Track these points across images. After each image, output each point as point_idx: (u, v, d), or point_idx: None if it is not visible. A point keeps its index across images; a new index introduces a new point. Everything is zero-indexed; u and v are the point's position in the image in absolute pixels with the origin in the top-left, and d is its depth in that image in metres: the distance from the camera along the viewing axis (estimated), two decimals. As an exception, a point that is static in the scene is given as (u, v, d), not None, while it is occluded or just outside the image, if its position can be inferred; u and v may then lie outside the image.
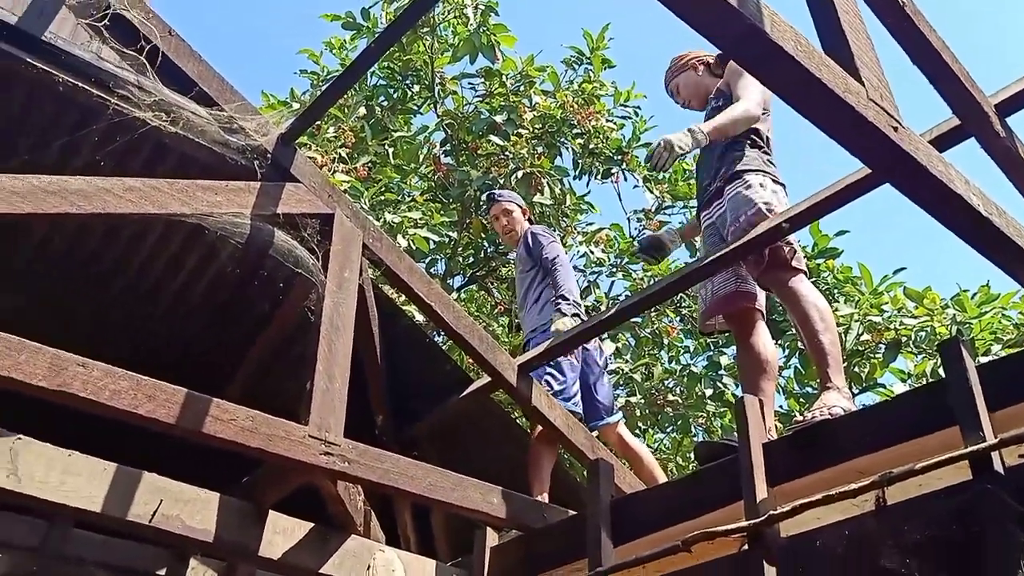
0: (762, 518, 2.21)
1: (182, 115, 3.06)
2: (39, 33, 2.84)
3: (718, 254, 3.00)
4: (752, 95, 3.20)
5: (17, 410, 2.73)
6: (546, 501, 3.68)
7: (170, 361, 4.12)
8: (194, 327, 4.10)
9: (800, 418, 2.52)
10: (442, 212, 7.18)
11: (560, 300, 4.17)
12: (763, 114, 3.25)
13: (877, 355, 6.71)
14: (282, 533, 2.94)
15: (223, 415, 2.55)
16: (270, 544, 2.90)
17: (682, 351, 8.72)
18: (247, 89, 3.33)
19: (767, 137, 3.29)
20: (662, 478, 4.00)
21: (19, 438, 2.50)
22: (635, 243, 7.06)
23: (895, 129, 1.70)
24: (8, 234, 3.58)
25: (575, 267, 8.69)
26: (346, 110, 7.30)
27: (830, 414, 2.47)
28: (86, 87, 2.94)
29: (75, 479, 2.57)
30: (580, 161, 8.10)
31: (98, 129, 3.06)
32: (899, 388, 6.49)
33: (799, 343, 7.03)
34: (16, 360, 2.22)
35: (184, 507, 2.75)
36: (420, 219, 6.48)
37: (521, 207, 4.86)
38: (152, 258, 3.78)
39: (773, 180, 3.12)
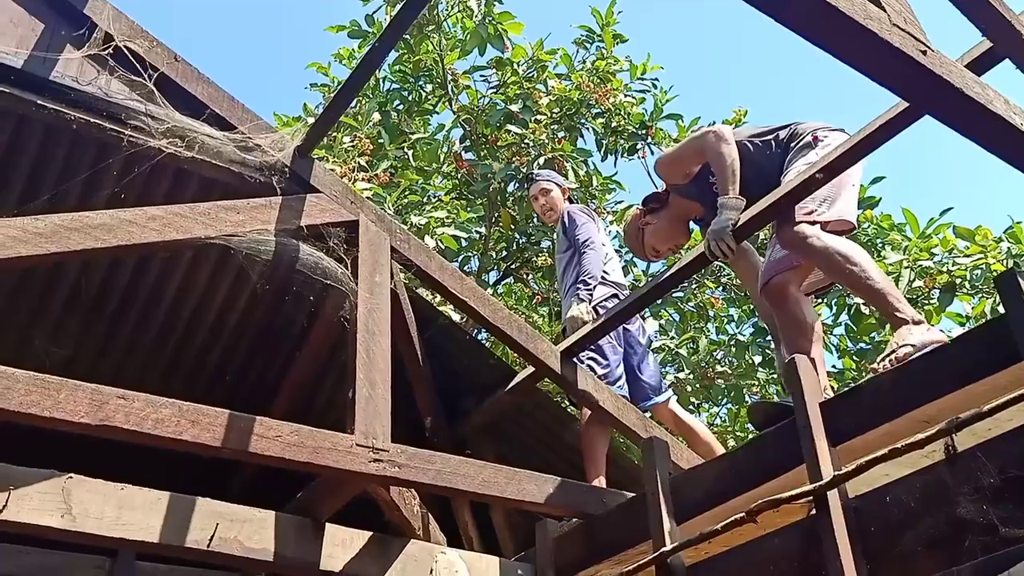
0: (827, 480, 2.14)
1: (197, 139, 3.05)
2: (47, 74, 2.84)
3: (746, 216, 2.90)
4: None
5: (62, 450, 2.76)
6: (603, 486, 3.62)
7: (217, 387, 4.15)
8: (235, 350, 4.11)
9: (876, 366, 2.42)
10: (468, 208, 7.13)
11: (579, 286, 4.08)
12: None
13: (932, 300, 6.49)
14: (341, 545, 2.93)
15: (268, 432, 2.53)
16: (330, 557, 2.89)
17: (727, 321, 8.59)
18: (260, 113, 3.30)
19: None
20: (720, 451, 3.90)
21: (70, 477, 2.51)
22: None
23: (923, 53, 1.61)
24: (41, 281, 3.62)
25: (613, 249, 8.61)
26: (360, 118, 7.29)
27: (900, 354, 2.36)
28: (99, 122, 2.94)
29: (131, 512, 2.58)
30: (603, 141, 7.99)
31: (116, 162, 3.07)
32: (958, 332, 6.28)
33: (846, 299, 6.87)
34: (56, 400, 2.23)
35: (241, 528, 2.75)
36: (446, 218, 6.44)
37: (561, 186, 4.78)
38: (185, 287, 3.79)
39: None
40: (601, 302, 4.18)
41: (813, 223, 2.76)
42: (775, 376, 7.80)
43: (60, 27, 2.94)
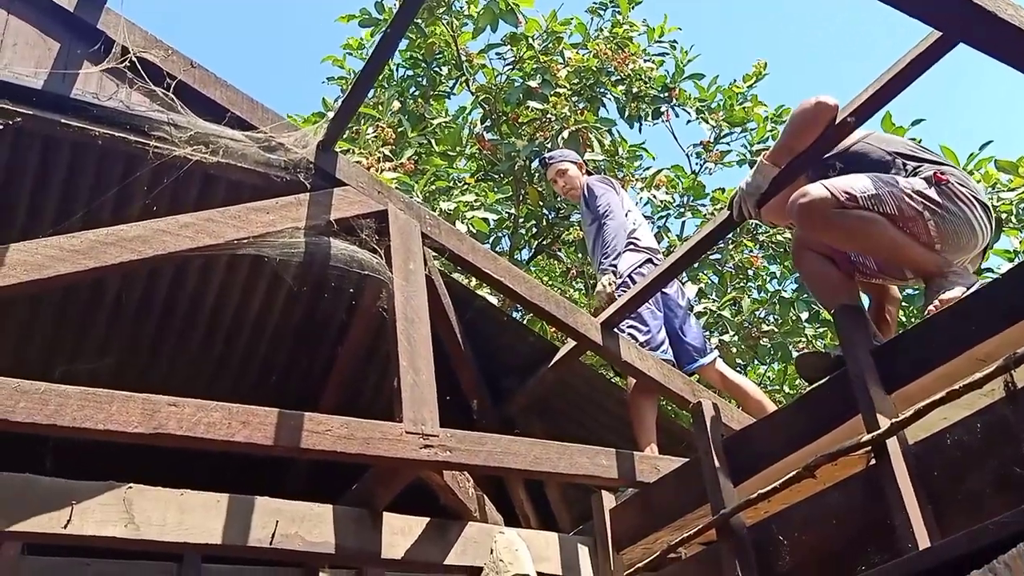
0: (884, 428, 2.09)
1: (220, 143, 3.07)
2: (67, 92, 2.87)
3: (775, 173, 2.81)
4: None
5: (119, 462, 2.81)
6: (656, 453, 3.61)
7: (263, 389, 4.20)
8: (279, 351, 4.15)
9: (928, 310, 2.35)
10: (495, 189, 7.10)
11: (603, 258, 4.12)
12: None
13: (978, 239, 6.32)
14: (400, 533, 2.95)
15: (318, 427, 2.55)
16: (391, 545, 2.91)
17: (768, 279, 8.47)
18: (280, 113, 3.30)
19: None
20: (771, 408, 3.86)
21: (130, 487, 2.55)
22: None
23: (952, -20, 1.54)
24: (84, 298, 3.68)
25: (643, 215, 8.54)
26: (380, 108, 7.27)
27: (939, 302, 2.30)
28: (123, 136, 2.97)
29: (191, 516, 2.62)
30: (626, 108, 7.90)
31: (144, 174, 3.10)
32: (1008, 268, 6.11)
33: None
34: (109, 412, 2.26)
35: (301, 524, 2.78)
36: (475, 201, 6.42)
37: (576, 162, 4.76)
38: (223, 292, 3.83)
39: None
40: (636, 269, 4.15)
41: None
42: (822, 331, 7.69)
43: (75, 45, 2.97)
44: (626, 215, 4.39)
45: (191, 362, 4.06)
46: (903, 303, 7.27)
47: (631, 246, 4.26)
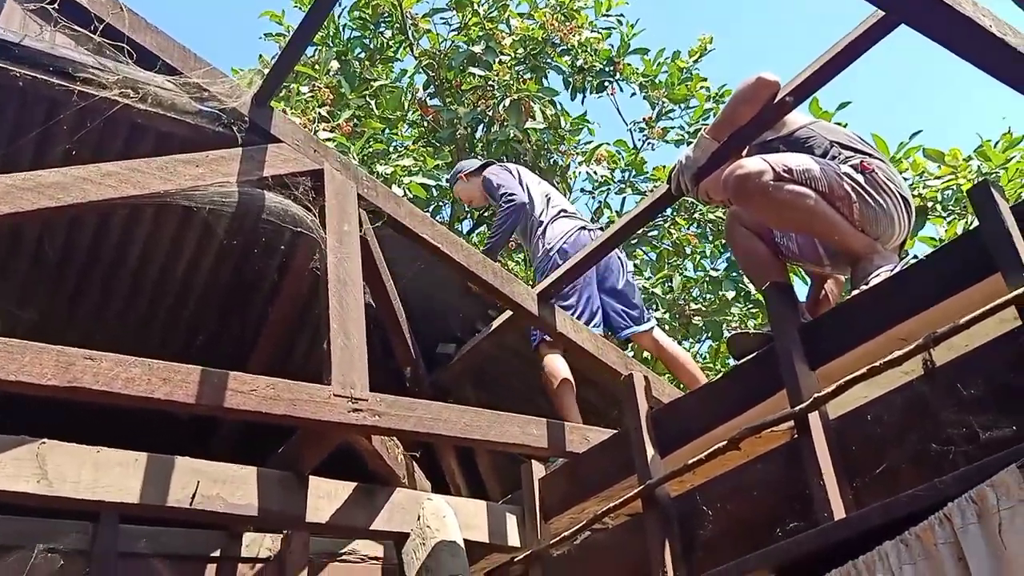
0: (807, 403, 2.14)
1: (149, 90, 2.94)
2: (-14, 29, 2.71)
3: (714, 147, 2.82)
4: None
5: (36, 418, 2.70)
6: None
7: (192, 348, 4.09)
8: (208, 308, 4.04)
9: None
10: (435, 156, 7.03)
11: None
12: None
13: (903, 225, 6.51)
14: (326, 496, 2.91)
15: (243, 387, 2.49)
16: (316, 509, 2.88)
17: (701, 257, 8.61)
18: (214, 66, 3.18)
19: None
20: (703, 380, 3.92)
21: (44, 442, 2.47)
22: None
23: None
24: (2, 245, 3.51)
25: (582, 189, 8.58)
26: (318, 67, 7.10)
27: (868, 282, 2.36)
28: (46, 78, 2.82)
29: (108, 474, 2.54)
30: (570, 80, 7.88)
31: (67, 118, 2.95)
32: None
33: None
34: (21, 363, 2.17)
35: (223, 486, 2.72)
36: (413, 166, 6.34)
37: (464, 172, 4.81)
38: (150, 246, 3.70)
39: None
40: (568, 234, 4.19)
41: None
42: (751, 310, 7.86)
43: (-3, -22, 2.80)
44: (535, 187, 4.50)
45: (115, 318, 3.93)
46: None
47: (563, 213, 4.31)
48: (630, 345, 4.07)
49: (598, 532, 2.94)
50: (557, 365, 3.90)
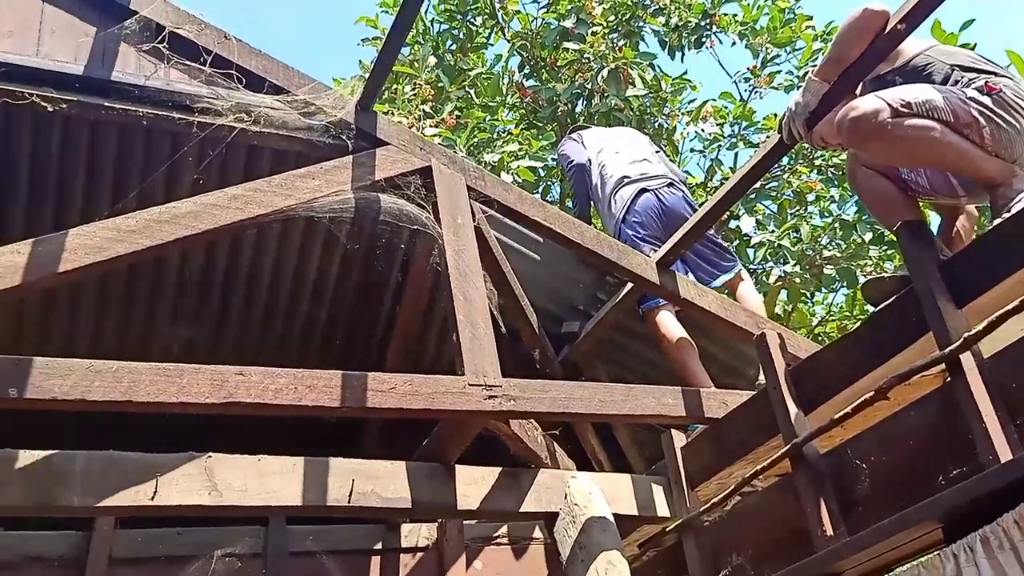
0: (958, 343, 2.02)
1: (260, 112, 3.08)
2: (108, 76, 2.90)
3: (825, 89, 2.68)
4: None
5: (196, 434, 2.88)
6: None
7: (329, 353, 4.27)
8: (340, 313, 4.21)
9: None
10: (539, 136, 7.01)
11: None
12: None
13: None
14: (473, 483, 2.97)
15: (382, 386, 2.57)
16: (465, 497, 2.94)
17: (827, 203, 8.24)
18: (318, 79, 3.30)
19: None
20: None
21: (210, 456, 2.60)
22: None
23: None
24: (149, 275, 3.76)
25: (691, 149, 8.38)
26: (416, 65, 7.22)
27: (1010, 209, 2.20)
28: (167, 114, 3.00)
29: (271, 480, 2.67)
30: (666, 39, 7.69)
31: (191, 150, 3.13)
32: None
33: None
34: (180, 385, 2.31)
35: (376, 482, 2.82)
36: (519, 150, 6.36)
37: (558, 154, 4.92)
38: (280, 260, 3.88)
39: None
40: (628, 202, 4.20)
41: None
42: (890, 253, 7.47)
43: (110, 27, 2.99)
44: (598, 153, 4.54)
45: (256, 333, 4.14)
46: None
47: (624, 181, 4.28)
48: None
49: (748, 496, 2.89)
50: (671, 328, 3.86)
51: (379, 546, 3.73)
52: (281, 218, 2.94)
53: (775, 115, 7.63)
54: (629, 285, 3.86)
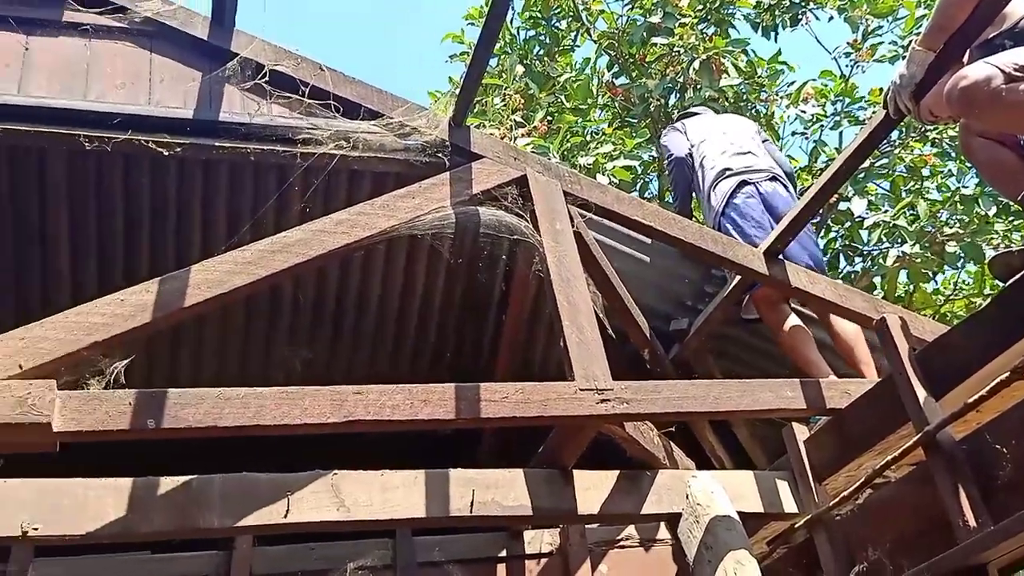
0: (1102, 315, 1.88)
1: (359, 138, 3.18)
2: (215, 116, 3.05)
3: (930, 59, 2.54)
4: None
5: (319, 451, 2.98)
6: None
7: (439, 367, 4.35)
8: (447, 327, 4.28)
9: None
10: (633, 135, 6.94)
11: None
12: None
13: None
14: (592, 488, 2.96)
15: (495, 396, 2.59)
16: (585, 501, 2.93)
17: (944, 177, 7.83)
18: (413, 97, 3.40)
19: None
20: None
21: (335, 473, 2.68)
22: None
23: None
24: (265, 304, 3.93)
25: (792, 133, 8.13)
26: (505, 75, 7.28)
27: None
28: (272, 148, 3.13)
29: (394, 494, 2.73)
30: (758, 21, 7.48)
31: (296, 180, 3.26)
32: None
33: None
34: (303, 407, 2.40)
35: (496, 491, 2.84)
36: (613, 151, 6.31)
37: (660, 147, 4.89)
38: (387, 280, 3.99)
39: None
40: (727, 195, 4.09)
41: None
42: (1016, 223, 7.03)
43: (214, 70, 3.15)
44: (700, 144, 4.42)
45: (368, 351, 4.26)
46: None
47: (726, 173, 4.16)
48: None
49: (881, 488, 2.77)
50: (785, 317, 3.74)
51: (503, 553, 3.76)
52: (386, 239, 3.01)
53: (879, 89, 7.32)
54: (737, 278, 3.77)
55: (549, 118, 7.05)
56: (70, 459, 2.35)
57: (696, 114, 4.94)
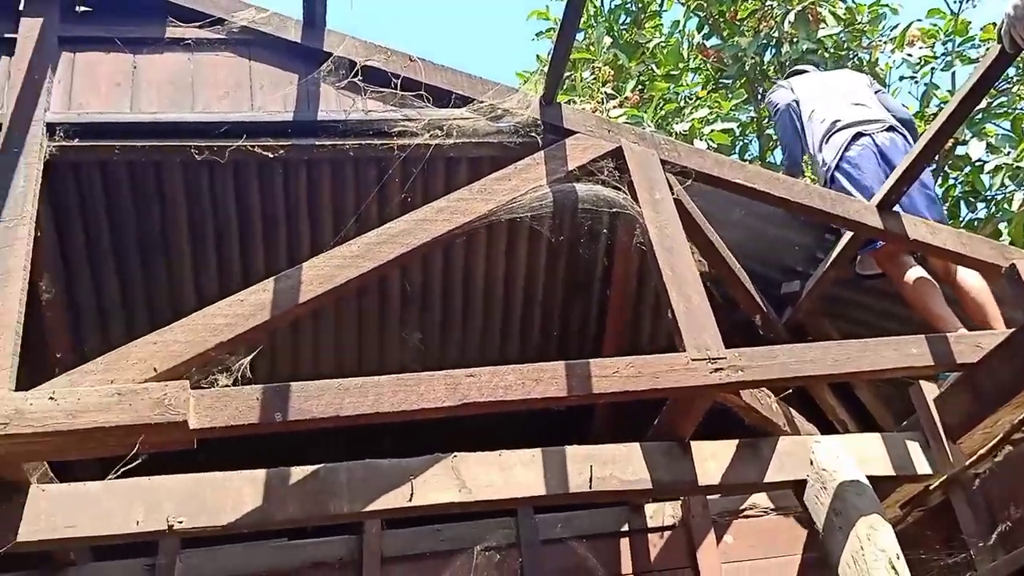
0: None
1: (452, 125, 3.21)
2: (314, 117, 3.14)
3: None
4: None
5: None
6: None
7: (547, 346, 4.37)
8: (553, 305, 4.29)
9: None
10: (729, 96, 6.75)
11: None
12: None
13: None
14: (711, 458, 2.92)
15: (605, 371, 2.59)
16: (705, 472, 2.89)
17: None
18: (501, 79, 3.40)
19: None
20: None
21: (455, 456, 2.74)
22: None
23: None
24: (373, 295, 4.03)
25: (900, 78, 7.73)
26: (592, 48, 7.19)
27: None
28: (370, 142, 3.19)
29: (514, 472, 2.76)
30: (854, -33, 7.14)
31: (395, 172, 3.32)
32: None
33: None
34: (419, 392, 2.46)
35: (614, 466, 2.84)
36: (709, 115, 6.15)
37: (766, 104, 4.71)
38: (490, 263, 4.02)
39: None
40: (840, 148, 3.91)
41: None
42: None
43: (310, 71, 3.24)
44: (809, 100, 4.25)
45: (478, 333, 4.31)
46: None
47: (836, 125, 3.97)
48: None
49: (1021, 443, 2.63)
50: (908, 270, 3.56)
51: (625, 528, 3.76)
52: (485, 223, 3.04)
53: (993, 24, 6.86)
54: (848, 235, 3.63)
55: (640, 87, 6.93)
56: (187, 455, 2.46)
57: (802, 72, 4.75)
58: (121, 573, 3.34)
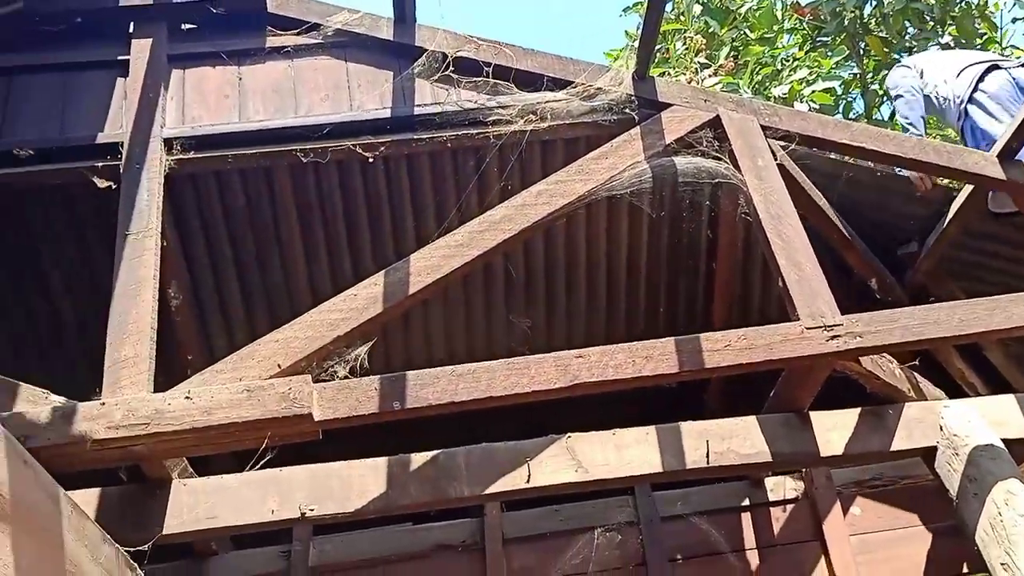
0: None
1: (545, 108, 3.22)
2: (411, 112, 3.20)
3: None
4: None
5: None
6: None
7: (658, 321, 4.33)
8: (658, 282, 4.25)
9: None
10: (828, 54, 6.49)
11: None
12: None
13: None
14: (833, 428, 2.84)
15: (716, 345, 2.55)
16: (827, 443, 2.81)
17: None
18: (591, 58, 3.39)
19: None
20: None
21: (569, 436, 2.75)
22: None
23: None
24: (479, 281, 4.09)
25: (1013, 19, 7.25)
26: (683, 18, 7.03)
27: None
28: (466, 132, 3.24)
29: (628, 451, 2.76)
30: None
31: (492, 159, 3.36)
32: None
33: None
34: (530, 375, 2.48)
35: (731, 440, 2.79)
36: (809, 75, 5.92)
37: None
38: (591, 243, 4.02)
39: None
40: (972, 82, 3.72)
41: None
42: None
43: (404, 67, 3.30)
44: (928, 67, 4.04)
45: (583, 313, 4.32)
46: None
47: (963, 71, 3.75)
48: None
49: None
50: None
51: (746, 503, 3.69)
52: (585, 203, 3.03)
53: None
54: (968, 188, 3.44)
55: (734, 54, 6.74)
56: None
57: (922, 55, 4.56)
58: (259, 561, 3.51)
